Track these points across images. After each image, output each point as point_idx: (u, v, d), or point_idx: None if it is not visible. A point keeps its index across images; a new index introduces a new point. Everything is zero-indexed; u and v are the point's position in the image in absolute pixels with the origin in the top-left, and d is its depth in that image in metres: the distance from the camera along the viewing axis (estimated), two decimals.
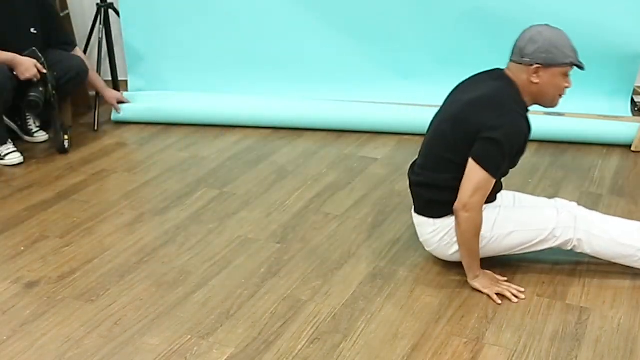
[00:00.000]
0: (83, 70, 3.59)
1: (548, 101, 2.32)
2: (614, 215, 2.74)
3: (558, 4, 3.60)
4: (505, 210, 2.34)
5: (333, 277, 2.36)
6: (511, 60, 2.28)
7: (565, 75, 2.23)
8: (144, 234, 2.68)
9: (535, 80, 2.22)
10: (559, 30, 2.23)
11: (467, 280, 2.31)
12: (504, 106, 2.21)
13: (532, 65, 2.19)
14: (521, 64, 2.23)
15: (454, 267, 2.40)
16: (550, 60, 2.18)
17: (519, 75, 2.25)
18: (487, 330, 2.07)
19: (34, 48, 3.36)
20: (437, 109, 3.67)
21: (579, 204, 2.40)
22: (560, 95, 2.31)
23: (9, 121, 3.61)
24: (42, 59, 3.35)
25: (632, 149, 3.39)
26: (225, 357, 1.98)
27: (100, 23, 4.00)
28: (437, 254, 2.38)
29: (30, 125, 3.67)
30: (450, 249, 2.31)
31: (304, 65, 3.96)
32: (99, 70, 4.00)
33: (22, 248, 2.60)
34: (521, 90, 2.26)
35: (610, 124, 3.51)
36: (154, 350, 2.01)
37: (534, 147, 3.45)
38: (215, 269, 2.42)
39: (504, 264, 2.41)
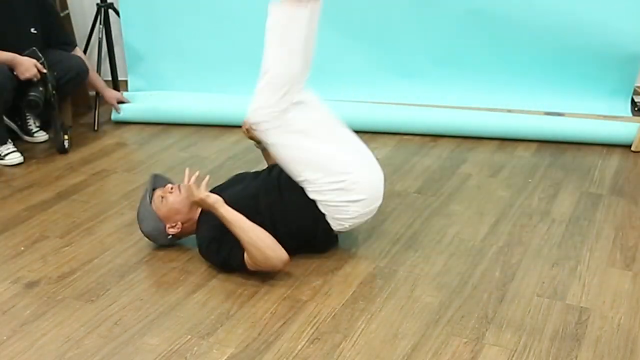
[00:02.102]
0: (83, 70, 3.59)
1: (184, 205, 2.46)
2: (614, 215, 2.75)
3: (558, 4, 3.60)
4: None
5: (333, 277, 2.36)
6: None
7: (160, 200, 2.47)
8: None
9: (176, 230, 2.48)
10: None
11: (467, 280, 2.32)
12: None
13: (177, 236, 2.52)
14: (179, 239, 2.55)
15: (454, 267, 2.40)
16: (162, 231, 2.49)
17: (186, 232, 2.52)
18: (487, 330, 2.07)
19: (34, 48, 3.36)
20: (437, 109, 3.71)
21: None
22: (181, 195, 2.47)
23: (9, 121, 3.62)
24: (42, 59, 3.35)
25: (632, 149, 3.39)
26: (225, 357, 1.98)
27: (100, 23, 4.00)
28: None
29: (30, 125, 3.68)
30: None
31: None
32: (99, 70, 4.01)
33: (22, 248, 2.60)
34: (191, 226, 2.51)
35: (610, 124, 3.51)
36: (154, 350, 2.01)
37: (534, 147, 3.46)
38: (215, 269, 2.42)
39: (503, 265, 2.41)
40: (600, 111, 3.61)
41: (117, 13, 4.06)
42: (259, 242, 2.24)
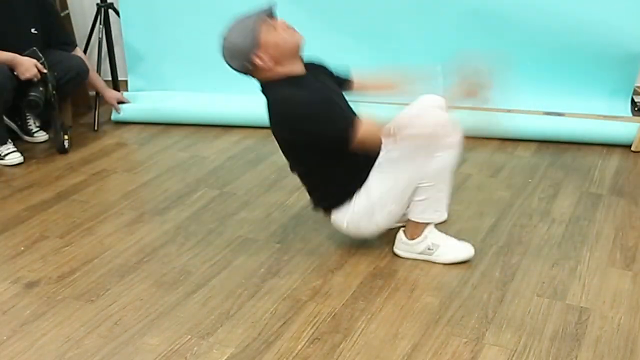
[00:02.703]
0: (83, 71, 3.59)
1: (289, 49, 2.25)
2: (614, 215, 2.75)
3: (558, 4, 3.60)
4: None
5: (333, 277, 2.36)
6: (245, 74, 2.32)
7: (270, 27, 2.23)
8: (144, 234, 2.68)
9: (263, 64, 2.23)
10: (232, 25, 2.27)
11: (467, 280, 2.32)
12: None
13: (250, 68, 2.27)
14: (248, 72, 2.31)
15: (454, 267, 2.40)
16: (247, 49, 2.22)
17: (260, 74, 2.30)
18: (487, 330, 2.07)
19: (34, 48, 3.36)
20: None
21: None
22: (293, 37, 2.26)
23: (9, 121, 3.62)
24: (42, 59, 3.35)
25: (632, 149, 3.39)
26: (225, 357, 1.98)
27: (100, 23, 4.00)
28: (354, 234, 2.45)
29: (30, 125, 3.68)
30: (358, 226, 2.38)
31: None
32: (99, 70, 4.01)
33: (22, 248, 2.60)
34: (271, 76, 2.28)
35: (610, 124, 3.51)
36: (154, 350, 2.01)
37: (534, 147, 3.46)
38: (215, 269, 2.42)
39: (503, 265, 2.41)
40: (600, 111, 3.61)
41: (117, 13, 4.06)
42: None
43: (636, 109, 3.74)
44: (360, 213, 2.34)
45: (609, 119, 3.55)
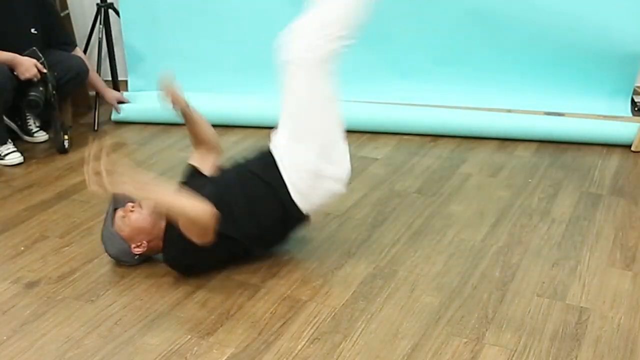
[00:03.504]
0: (83, 71, 3.59)
1: (145, 225, 2.37)
2: (614, 215, 2.75)
3: (558, 4, 3.60)
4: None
5: (333, 277, 2.36)
6: None
7: (123, 221, 2.38)
8: None
9: (144, 248, 2.39)
10: None
11: (467, 280, 2.32)
12: None
13: (143, 254, 2.41)
14: (146, 258, 2.46)
15: (454, 267, 2.40)
16: (127, 252, 2.40)
17: (154, 248, 2.41)
18: (487, 330, 2.07)
19: (34, 48, 3.36)
20: (437, 109, 3.70)
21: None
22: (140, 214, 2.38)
23: (9, 121, 3.62)
24: (42, 59, 3.35)
25: (632, 149, 3.39)
26: (225, 357, 1.98)
27: (100, 23, 4.00)
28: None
29: (30, 125, 3.68)
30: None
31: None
32: (99, 70, 4.01)
33: (22, 248, 2.60)
34: (159, 242, 2.39)
35: (610, 124, 3.51)
36: (154, 350, 2.01)
37: (534, 147, 3.46)
38: (215, 269, 2.42)
39: (503, 265, 2.41)
40: (600, 111, 3.61)
41: (117, 13, 4.06)
42: (184, 207, 2.17)
43: (636, 109, 3.75)
44: (309, 186, 2.31)
45: (609, 119, 3.55)
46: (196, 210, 2.16)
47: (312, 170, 2.29)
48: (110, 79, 4.21)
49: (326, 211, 2.81)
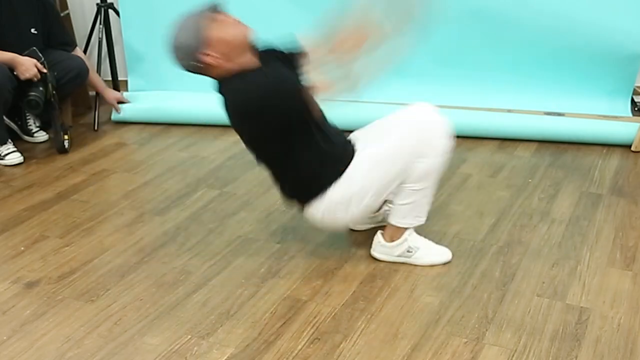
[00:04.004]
0: (83, 71, 3.59)
1: (237, 43, 2.18)
2: (614, 215, 2.75)
3: (558, 4, 3.60)
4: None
5: (333, 277, 2.36)
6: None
7: (216, 23, 2.17)
8: (144, 234, 2.68)
9: (214, 61, 2.17)
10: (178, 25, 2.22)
11: (467, 280, 2.32)
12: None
13: (201, 67, 2.19)
14: (200, 72, 2.23)
15: (454, 267, 2.40)
16: (194, 48, 2.16)
17: (212, 72, 2.23)
18: (487, 330, 2.07)
19: (34, 48, 3.36)
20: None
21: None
22: (240, 30, 2.20)
23: (9, 121, 3.62)
24: (42, 59, 3.35)
25: (632, 149, 3.39)
26: (225, 357, 1.98)
27: (100, 23, 4.00)
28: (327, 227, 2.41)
29: (30, 125, 3.68)
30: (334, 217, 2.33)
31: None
32: (99, 70, 4.01)
33: (22, 248, 2.60)
34: (224, 73, 2.21)
35: (610, 124, 3.51)
36: (154, 350, 2.01)
37: (534, 147, 3.46)
38: (215, 269, 2.42)
39: (503, 265, 2.41)
40: (600, 111, 3.61)
41: (117, 13, 4.06)
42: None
43: (636, 109, 3.75)
44: (337, 202, 2.28)
45: (609, 119, 3.55)
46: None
47: (351, 193, 2.28)
48: (110, 79, 4.21)
49: None
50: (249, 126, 2.26)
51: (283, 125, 2.19)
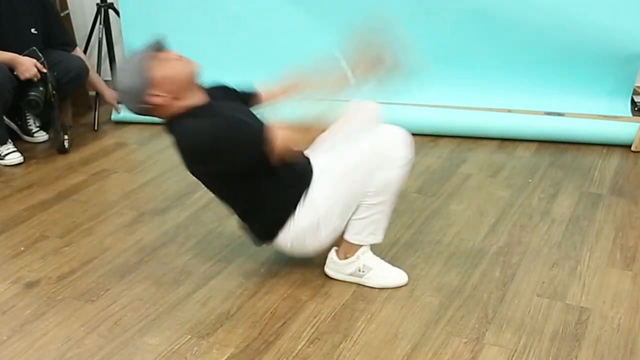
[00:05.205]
0: (83, 71, 3.59)
1: (184, 80, 2.13)
2: (614, 215, 2.75)
3: (558, 3, 3.60)
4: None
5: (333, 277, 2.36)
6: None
7: (161, 61, 2.12)
8: (144, 234, 2.68)
9: (161, 101, 2.11)
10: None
11: (467, 280, 2.32)
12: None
13: (149, 108, 2.12)
14: (149, 113, 2.16)
15: (454, 267, 2.40)
16: (141, 90, 2.09)
17: (161, 112, 2.16)
18: (487, 330, 2.07)
19: (34, 48, 3.36)
20: (437, 109, 3.70)
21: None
22: (187, 66, 2.15)
23: (9, 121, 3.62)
24: (42, 59, 3.35)
25: (632, 149, 3.39)
26: (225, 357, 1.98)
27: (100, 23, 4.00)
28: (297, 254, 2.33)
29: (30, 125, 3.68)
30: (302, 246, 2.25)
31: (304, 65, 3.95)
32: (99, 70, 4.01)
33: (22, 248, 2.60)
34: (172, 113, 2.15)
35: (610, 124, 3.51)
36: (154, 350, 2.01)
37: (534, 147, 3.46)
38: (215, 269, 2.42)
39: (503, 265, 2.41)
40: (600, 111, 3.61)
41: (117, 13, 4.06)
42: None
43: (636, 109, 3.74)
44: (305, 229, 2.19)
45: (609, 119, 3.55)
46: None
47: (318, 218, 2.19)
48: (110, 79, 4.20)
49: None
50: (203, 167, 2.19)
51: (238, 166, 2.12)
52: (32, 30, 3.51)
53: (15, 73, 3.29)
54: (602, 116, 3.56)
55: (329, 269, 2.35)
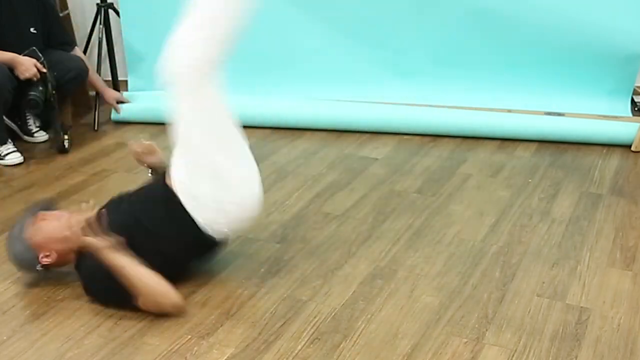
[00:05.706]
0: (83, 71, 3.59)
1: (64, 237, 2.23)
2: (614, 215, 2.75)
3: (558, 4, 3.60)
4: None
5: (333, 277, 2.36)
6: None
7: (40, 224, 2.24)
8: None
9: (53, 259, 2.23)
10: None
11: (467, 280, 2.32)
12: None
13: (45, 266, 2.24)
14: (50, 269, 2.28)
15: (454, 267, 2.40)
16: (31, 258, 2.23)
17: (61, 263, 2.27)
18: (487, 330, 2.07)
19: (33, 48, 3.36)
20: (437, 109, 3.70)
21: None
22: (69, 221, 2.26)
23: (9, 121, 3.62)
24: (42, 59, 3.35)
25: (632, 149, 3.39)
26: (225, 357, 1.98)
27: (100, 23, 4.00)
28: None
29: (30, 125, 3.68)
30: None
31: (304, 65, 3.96)
32: (99, 70, 4.00)
33: None
34: (70, 259, 2.27)
35: (610, 124, 3.51)
36: (154, 350, 2.01)
37: (534, 147, 3.46)
38: (215, 269, 2.42)
39: (503, 265, 2.41)
40: (600, 111, 3.61)
41: (117, 13, 4.06)
42: (150, 288, 2.11)
43: (636, 109, 3.75)
44: (216, 201, 2.21)
45: (609, 119, 3.55)
46: (166, 299, 2.13)
47: (212, 201, 2.19)
48: (110, 79, 4.21)
49: (326, 211, 2.81)
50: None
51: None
52: (32, 30, 3.51)
53: (15, 73, 3.29)
54: (602, 116, 3.56)
55: None
